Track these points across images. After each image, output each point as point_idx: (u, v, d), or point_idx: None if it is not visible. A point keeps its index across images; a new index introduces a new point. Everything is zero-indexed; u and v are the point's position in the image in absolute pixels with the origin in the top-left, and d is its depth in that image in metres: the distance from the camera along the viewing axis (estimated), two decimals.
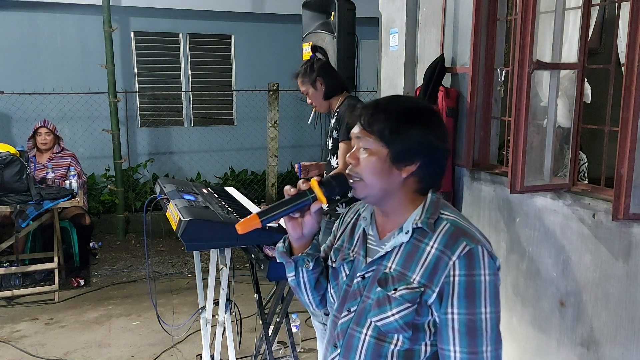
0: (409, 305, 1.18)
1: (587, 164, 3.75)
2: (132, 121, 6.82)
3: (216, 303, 2.65)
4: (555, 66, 2.51)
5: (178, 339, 3.66)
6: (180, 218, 2.19)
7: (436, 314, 1.19)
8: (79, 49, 6.54)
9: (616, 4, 2.58)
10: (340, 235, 1.41)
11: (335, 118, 2.95)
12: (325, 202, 1.25)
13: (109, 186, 6.37)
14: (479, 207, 3.02)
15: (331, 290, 1.38)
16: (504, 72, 2.89)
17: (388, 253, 1.25)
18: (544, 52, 2.65)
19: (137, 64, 6.89)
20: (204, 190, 2.85)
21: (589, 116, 2.65)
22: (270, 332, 2.67)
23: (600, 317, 2.33)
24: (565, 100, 2.69)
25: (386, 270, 1.24)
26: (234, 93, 7.28)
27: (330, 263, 1.40)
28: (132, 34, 6.81)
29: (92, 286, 4.71)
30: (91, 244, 5.39)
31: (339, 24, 3.70)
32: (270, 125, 6.59)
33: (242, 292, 4.13)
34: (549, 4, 2.52)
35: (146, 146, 7.05)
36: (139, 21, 6.79)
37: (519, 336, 2.79)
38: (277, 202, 1.25)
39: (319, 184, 1.24)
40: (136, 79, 6.91)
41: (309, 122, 3.47)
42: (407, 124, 1.21)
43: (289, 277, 1.41)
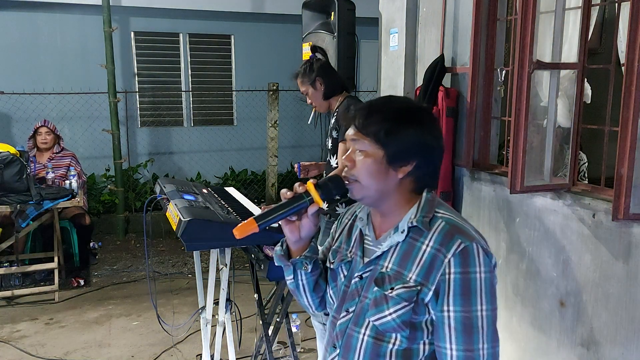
0: (406, 304, 1.19)
1: (587, 164, 3.75)
2: (132, 121, 6.83)
3: (216, 303, 2.65)
4: (555, 66, 2.51)
5: (178, 339, 3.66)
6: (180, 218, 2.19)
7: (433, 312, 1.19)
8: (79, 49, 6.54)
9: (616, 4, 2.58)
10: (338, 237, 1.42)
11: (335, 118, 2.96)
12: (322, 205, 1.25)
13: (109, 186, 6.37)
14: (479, 207, 3.01)
15: (330, 292, 1.38)
16: (504, 72, 2.88)
17: (385, 253, 1.25)
18: (544, 52, 2.65)
19: (137, 64, 6.89)
20: (204, 190, 2.85)
21: (589, 116, 2.65)
22: (270, 332, 2.67)
23: (600, 317, 2.33)
24: (565, 100, 2.69)
25: (383, 270, 1.24)
26: (234, 93, 7.28)
27: (328, 264, 1.40)
28: (132, 34, 6.81)
29: (92, 286, 4.71)
30: (91, 244, 5.39)
31: (339, 24, 3.69)
32: (270, 125, 6.59)
33: (242, 292, 4.13)
34: (549, 4, 2.52)
35: (146, 146, 7.05)
36: (139, 21, 6.79)
37: (519, 336, 2.79)
38: (274, 206, 1.24)
39: (315, 186, 1.23)
40: (136, 79, 6.91)
41: (308, 122, 3.47)
42: (401, 124, 1.21)
43: (288, 280, 1.41)
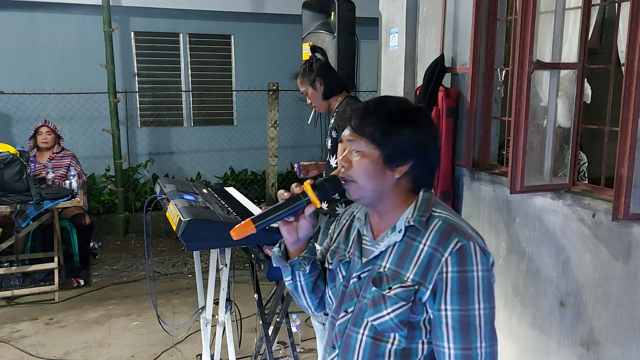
0: (404, 303, 1.19)
1: (587, 164, 3.75)
2: (132, 121, 6.83)
3: (216, 303, 2.65)
4: (555, 66, 2.51)
5: (178, 339, 3.66)
6: (180, 218, 2.19)
7: (430, 311, 1.19)
8: (79, 49, 6.54)
9: (616, 4, 2.58)
10: (336, 237, 1.42)
11: (334, 118, 2.96)
12: (319, 205, 1.24)
13: (109, 186, 6.37)
14: (479, 207, 3.01)
15: (329, 292, 1.38)
16: (504, 72, 2.88)
17: (382, 253, 1.25)
18: (544, 52, 2.65)
19: (137, 64, 6.89)
20: (204, 190, 2.85)
21: (589, 116, 2.65)
22: (270, 332, 2.67)
23: (600, 317, 2.33)
24: (565, 100, 2.69)
25: (380, 270, 1.24)
26: (234, 93, 7.28)
27: (327, 265, 1.40)
28: (132, 34, 6.81)
29: (92, 286, 4.71)
30: (91, 244, 5.39)
31: (339, 24, 3.69)
32: (270, 125, 6.59)
33: (242, 292, 4.13)
34: (549, 4, 2.52)
35: (146, 146, 7.05)
36: (139, 21, 6.79)
37: (518, 336, 2.79)
38: (271, 207, 1.24)
39: (312, 187, 1.23)
40: (136, 79, 6.91)
41: (308, 122, 3.47)
42: (397, 125, 1.21)
43: (286, 281, 1.41)
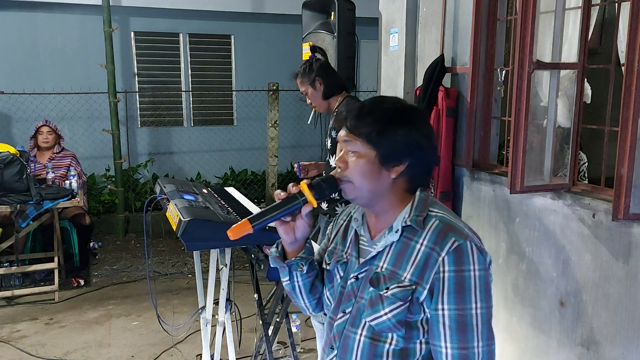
0: (401, 303, 1.19)
1: (587, 164, 3.74)
2: (132, 121, 6.82)
3: (216, 303, 2.65)
4: (555, 66, 2.51)
5: (178, 339, 3.66)
6: (180, 218, 2.19)
7: (428, 310, 1.19)
8: (79, 49, 6.54)
9: (616, 4, 2.58)
10: (334, 238, 1.42)
11: (334, 118, 2.96)
12: (315, 205, 1.24)
13: (109, 186, 6.37)
14: (479, 207, 3.01)
15: (327, 293, 1.38)
16: (504, 72, 2.88)
17: (379, 253, 1.25)
18: (544, 52, 2.65)
19: (137, 64, 6.89)
20: (204, 190, 2.85)
21: (589, 116, 2.65)
22: (270, 332, 2.67)
23: (600, 317, 2.33)
24: (565, 100, 2.69)
25: (378, 270, 1.24)
26: (234, 93, 7.27)
27: (324, 266, 1.40)
28: (132, 34, 6.81)
29: (92, 286, 4.71)
30: (91, 244, 5.39)
31: (339, 24, 3.69)
32: (270, 125, 6.59)
33: (242, 292, 4.13)
34: (549, 4, 2.52)
35: (146, 146, 7.05)
36: (139, 21, 6.79)
37: (519, 336, 2.79)
38: (268, 207, 1.24)
39: (309, 187, 1.23)
40: (136, 79, 6.91)
41: (308, 122, 3.47)
42: (393, 125, 1.21)
43: (284, 282, 1.41)
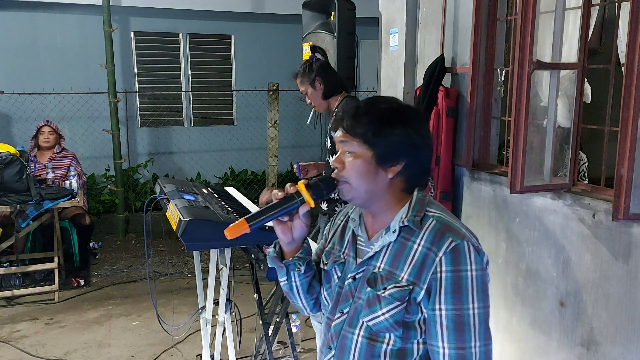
0: (399, 303, 1.19)
1: (587, 164, 3.75)
2: (132, 121, 6.82)
3: (216, 303, 2.65)
4: (555, 66, 2.51)
5: (178, 339, 3.66)
6: (180, 218, 2.19)
7: (425, 310, 1.19)
8: (79, 49, 6.53)
9: (616, 4, 2.58)
10: (331, 238, 1.42)
11: (333, 118, 2.96)
12: (312, 205, 1.24)
13: (109, 186, 6.37)
14: (479, 207, 3.01)
15: (324, 293, 1.39)
16: (504, 72, 2.88)
17: (377, 253, 1.25)
18: (544, 52, 2.65)
19: (137, 64, 6.89)
20: (204, 190, 2.85)
21: (589, 116, 2.65)
22: (270, 332, 2.67)
23: (600, 317, 2.33)
24: (565, 100, 2.69)
25: (375, 270, 1.24)
26: (234, 93, 7.27)
27: (322, 266, 1.40)
28: (132, 34, 6.81)
29: (92, 286, 4.71)
30: (91, 244, 5.39)
31: (339, 24, 3.69)
32: (270, 125, 6.58)
33: (242, 292, 4.13)
34: (549, 4, 2.52)
35: (146, 146, 7.05)
36: (139, 21, 6.78)
37: (518, 336, 2.79)
38: (265, 207, 1.24)
39: (306, 187, 1.23)
40: (136, 79, 6.90)
41: (308, 122, 3.47)
42: (389, 125, 1.21)
43: (281, 282, 1.41)
